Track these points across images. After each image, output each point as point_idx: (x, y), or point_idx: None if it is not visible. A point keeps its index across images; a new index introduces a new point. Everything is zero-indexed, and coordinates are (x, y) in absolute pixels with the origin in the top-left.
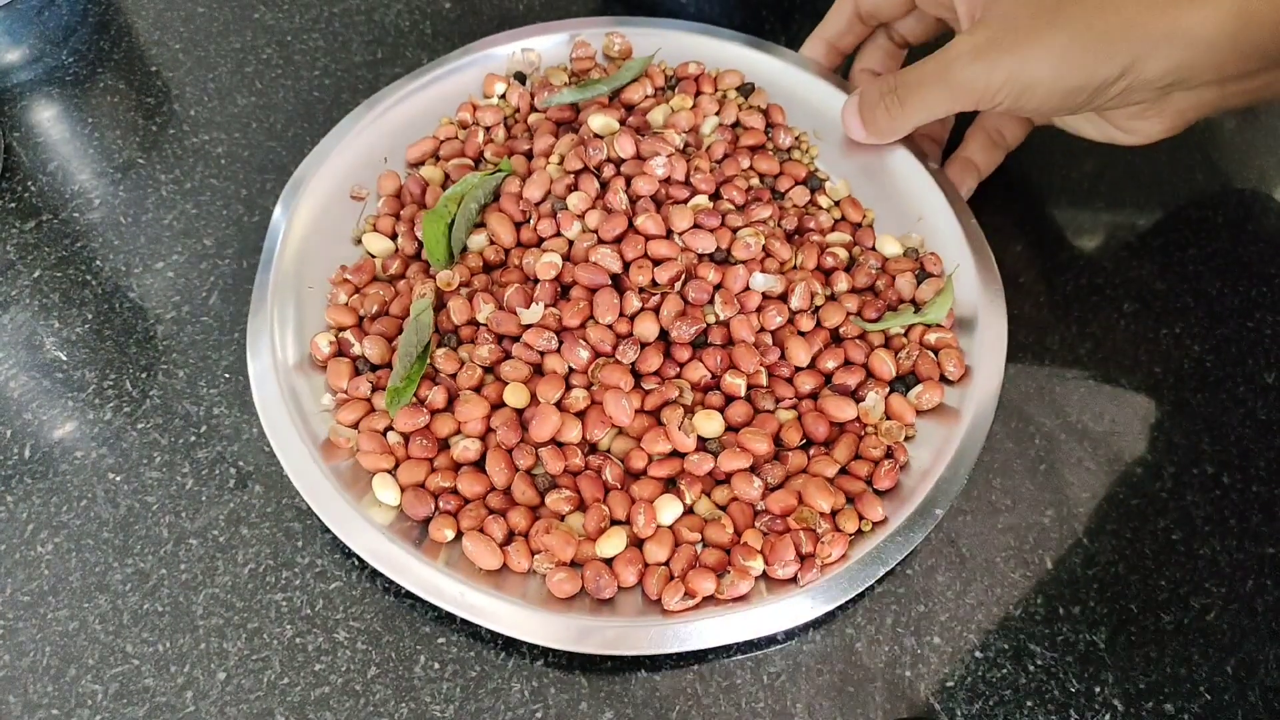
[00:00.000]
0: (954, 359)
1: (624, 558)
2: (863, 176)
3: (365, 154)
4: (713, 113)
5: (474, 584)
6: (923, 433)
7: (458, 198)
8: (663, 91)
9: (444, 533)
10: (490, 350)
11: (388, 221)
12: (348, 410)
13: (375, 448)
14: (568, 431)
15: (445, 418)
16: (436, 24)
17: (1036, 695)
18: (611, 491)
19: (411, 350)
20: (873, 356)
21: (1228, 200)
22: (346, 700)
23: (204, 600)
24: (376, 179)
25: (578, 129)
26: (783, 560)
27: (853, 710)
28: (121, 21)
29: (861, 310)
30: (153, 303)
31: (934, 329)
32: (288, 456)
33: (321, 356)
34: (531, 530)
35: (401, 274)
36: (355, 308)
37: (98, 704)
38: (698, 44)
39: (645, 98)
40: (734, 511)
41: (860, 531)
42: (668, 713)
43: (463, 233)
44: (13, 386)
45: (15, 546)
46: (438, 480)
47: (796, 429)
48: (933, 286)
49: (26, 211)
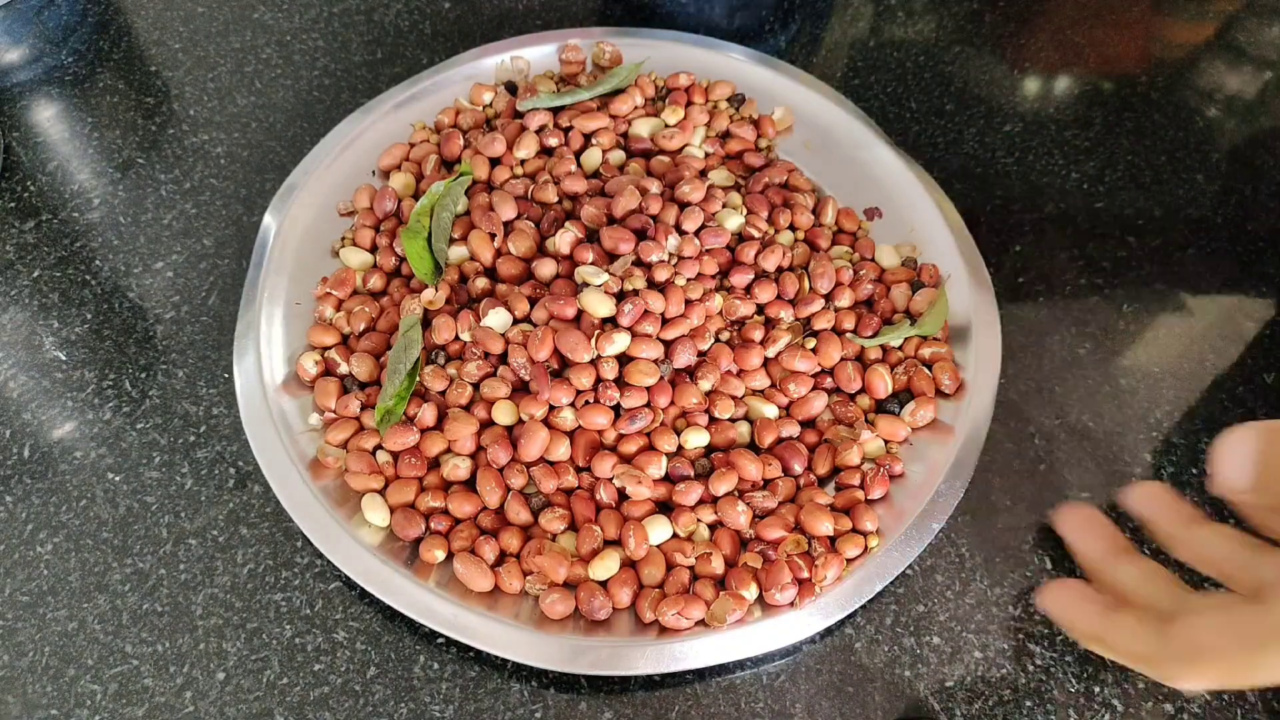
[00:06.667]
0: (949, 372)
1: (618, 579)
2: (853, 186)
3: (354, 166)
4: (702, 123)
5: (467, 605)
6: (919, 446)
7: (428, 210)
8: (653, 102)
9: (434, 554)
10: (478, 366)
11: (366, 234)
12: (336, 430)
13: (364, 467)
14: (556, 449)
15: (435, 436)
16: (436, 24)
17: (1036, 695)
18: (604, 511)
19: (401, 368)
20: (870, 373)
21: (1227, 200)
22: (346, 700)
23: (203, 600)
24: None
25: (541, 131)
26: (779, 585)
27: (853, 710)
28: (121, 21)
29: (858, 327)
30: (152, 303)
31: (929, 342)
32: (275, 477)
33: (308, 377)
34: (523, 551)
35: (383, 289)
36: (339, 326)
37: (97, 704)
38: (690, 55)
39: (635, 109)
40: (722, 538)
41: (866, 549)
42: (667, 713)
43: (443, 244)
44: (12, 386)
45: (15, 546)
46: (428, 500)
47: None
48: (927, 297)
49: (26, 211)
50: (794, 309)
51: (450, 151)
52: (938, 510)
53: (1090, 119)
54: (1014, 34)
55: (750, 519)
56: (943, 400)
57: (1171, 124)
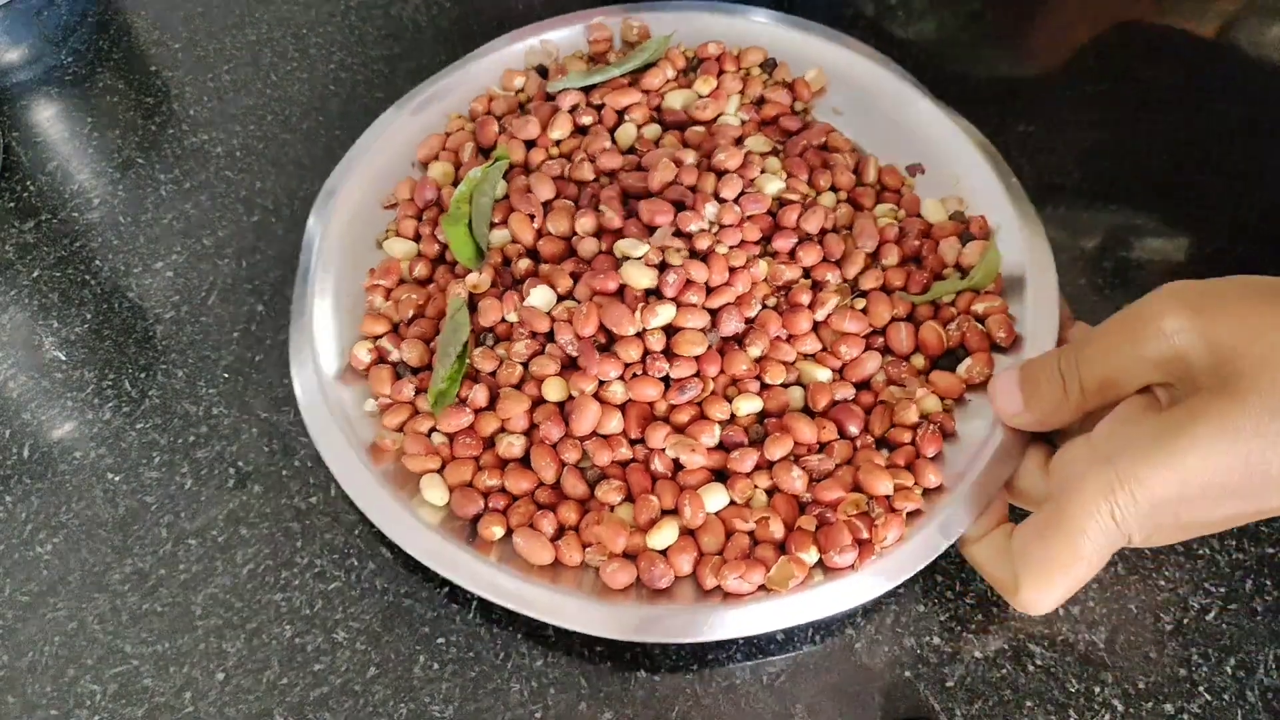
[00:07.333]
0: (1003, 325)
1: (678, 547)
2: (893, 143)
3: (391, 161)
4: (736, 91)
5: (530, 580)
6: (975, 404)
7: (467, 196)
8: (685, 74)
9: (493, 530)
10: (527, 345)
11: (409, 224)
12: (392, 414)
13: (421, 449)
14: (607, 423)
15: (488, 416)
16: (452, 17)
17: (1036, 695)
18: (659, 481)
19: (450, 351)
20: (924, 330)
21: (1228, 194)
22: (346, 700)
23: (203, 600)
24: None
25: (573, 112)
26: (839, 546)
27: (853, 710)
28: (121, 21)
29: (907, 284)
30: (152, 302)
31: (981, 296)
32: (337, 464)
33: (362, 365)
34: (581, 523)
35: (429, 277)
36: (389, 315)
37: (96, 704)
38: (716, 23)
39: (666, 82)
40: (780, 503)
41: (918, 511)
42: (667, 713)
43: (484, 228)
44: (12, 386)
45: (14, 546)
46: (485, 479)
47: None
48: (977, 250)
49: (25, 211)
50: (840, 270)
51: (486, 138)
52: (999, 470)
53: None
54: (1014, 33)
55: (807, 482)
56: (999, 355)
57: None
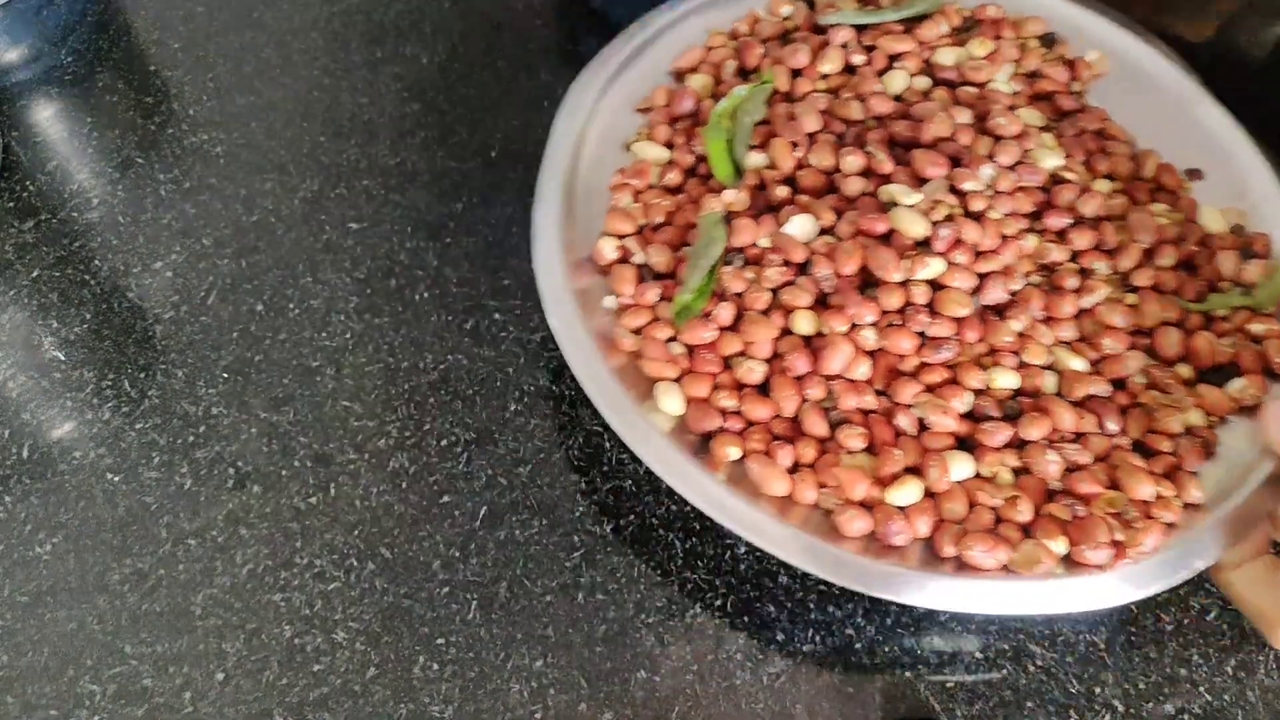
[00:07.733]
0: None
1: (918, 507)
2: (1171, 143)
3: (643, 71)
4: (1012, 59)
5: (758, 506)
6: (1232, 425)
7: (729, 112)
8: (959, 32)
9: (727, 451)
10: (779, 273)
11: (663, 131)
12: (631, 315)
13: (660, 355)
14: (856, 367)
15: (731, 336)
16: (435, 21)
17: (1036, 696)
18: (902, 437)
19: (702, 264)
20: (1196, 339)
21: None
22: (345, 701)
23: (202, 601)
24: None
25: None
26: (1094, 542)
27: (853, 711)
28: (120, 21)
29: (1181, 289)
30: (151, 302)
31: (1261, 316)
32: (573, 352)
33: (605, 261)
34: (817, 464)
35: (679, 185)
36: (635, 216)
37: (96, 704)
38: None
39: (940, 36)
40: (1027, 486)
41: (1172, 524)
42: (667, 713)
43: (743, 149)
44: (11, 386)
45: (14, 547)
46: (720, 398)
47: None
48: (1260, 268)
49: (25, 211)
50: (1114, 260)
51: (749, 59)
52: (1265, 499)
53: None
54: None
55: (1061, 470)
56: (1271, 381)
57: None
